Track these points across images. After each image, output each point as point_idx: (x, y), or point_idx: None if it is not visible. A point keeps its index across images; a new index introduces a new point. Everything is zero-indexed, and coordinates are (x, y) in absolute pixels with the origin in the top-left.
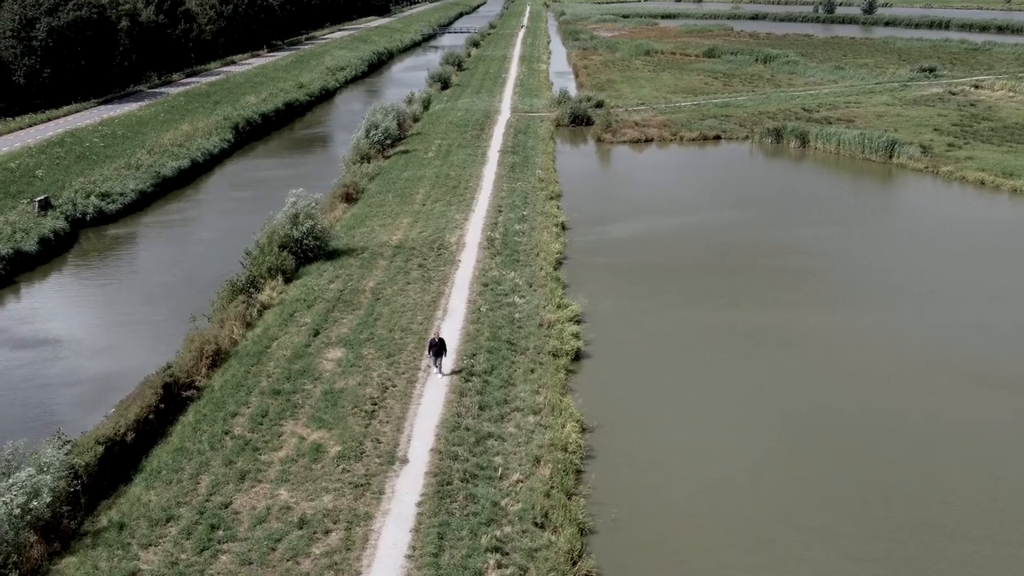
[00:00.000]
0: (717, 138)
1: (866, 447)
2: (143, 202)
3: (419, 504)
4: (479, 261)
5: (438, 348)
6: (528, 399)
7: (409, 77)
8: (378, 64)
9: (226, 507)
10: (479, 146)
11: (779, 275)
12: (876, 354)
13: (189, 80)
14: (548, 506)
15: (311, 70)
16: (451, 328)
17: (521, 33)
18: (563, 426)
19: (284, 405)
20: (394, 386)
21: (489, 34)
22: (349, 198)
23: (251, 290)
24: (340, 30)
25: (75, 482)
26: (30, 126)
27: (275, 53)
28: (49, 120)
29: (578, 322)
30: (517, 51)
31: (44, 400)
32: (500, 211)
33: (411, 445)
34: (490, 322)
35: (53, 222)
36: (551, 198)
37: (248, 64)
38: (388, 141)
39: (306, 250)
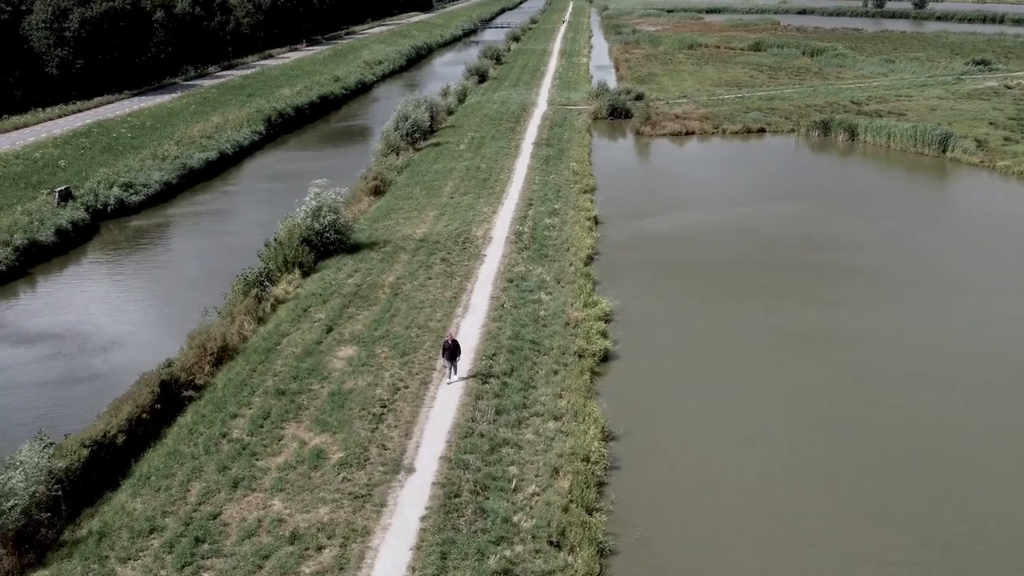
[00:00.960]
0: (761, 131)
1: (922, 460)
2: (168, 193)
3: (423, 519)
4: (505, 256)
5: (452, 350)
6: (549, 403)
7: (448, 72)
8: (417, 59)
9: (214, 518)
10: (512, 139)
11: (827, 272)
12: (931, 356)
13: (225, 73)
14: (565, 523)
15: (348, 64)
16: (471, 326)
17: (563, 28)
18: (586, 433)
19: (288, 406)
20: (406, 387)
21: (530, 29)
22: (376, 191)
23: (265, 284)
24: (380, 25)
25: (56, 487)
26: (59, 117)
27: (313, 48)
28: (80, 111)
29: (607, 321)
30: (557, 45)
31: (46, 398)
32: (531, 204)
33: (419, 452)
34: (513, 320)
35: (72, 212)
36: (585, 192)
37: (285, 58)
38: (418, 134)
39: (326, 244)
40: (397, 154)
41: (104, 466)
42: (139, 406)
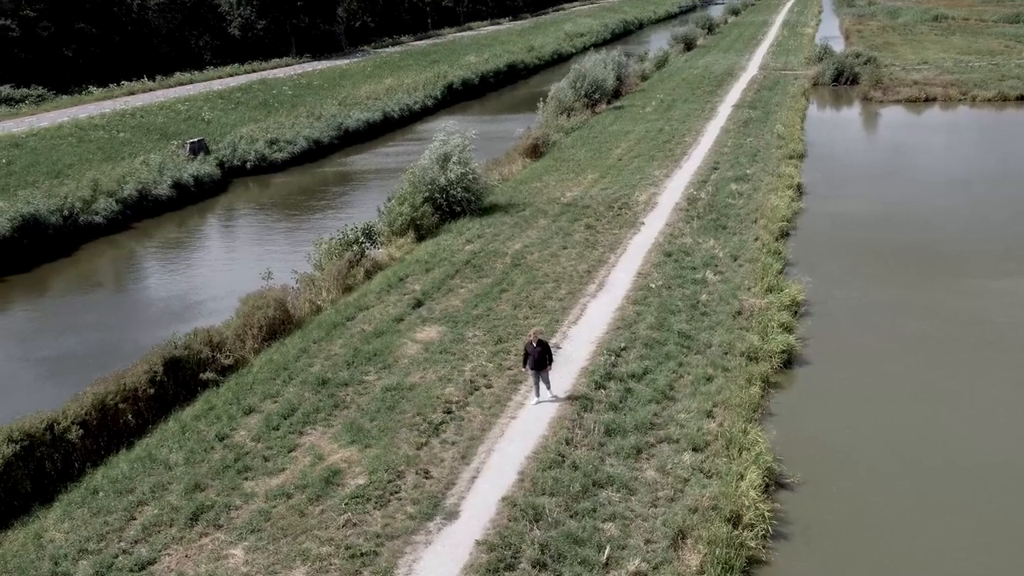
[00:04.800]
0: (1021, 99)
1: None
2: (318, 153)
3: None
4: (669, 225)
5: (539, 357)
6: (691, 424)
7: (657, 47)
8: (624, 33)
9: (140, 570)
10: (709, 101)
11: None
12: None
13: (417, 43)
14: None
15: (546, 35)
16: (601, 309)
17: (789, 2)
18: (740, 477)
19: (322, 403)
20: (487, 386)
21: (753, 4)
22: (535, 151)
23: (364, 245)
24: (591, 3)
25: None
26: (230, 76)
27: (517, 22)
28: (253, 72)
29: (795, 313)
30: (781, 17)
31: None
32: (715, 168)
33: (474, 487)
34: (660, 304)
35: (199, 166)
36: (790, 158)
37: (484, 30)
38: (599, 94)
39: (452, 203)
40: (568, 115)
41: (40, 471)
42: (118, 391)
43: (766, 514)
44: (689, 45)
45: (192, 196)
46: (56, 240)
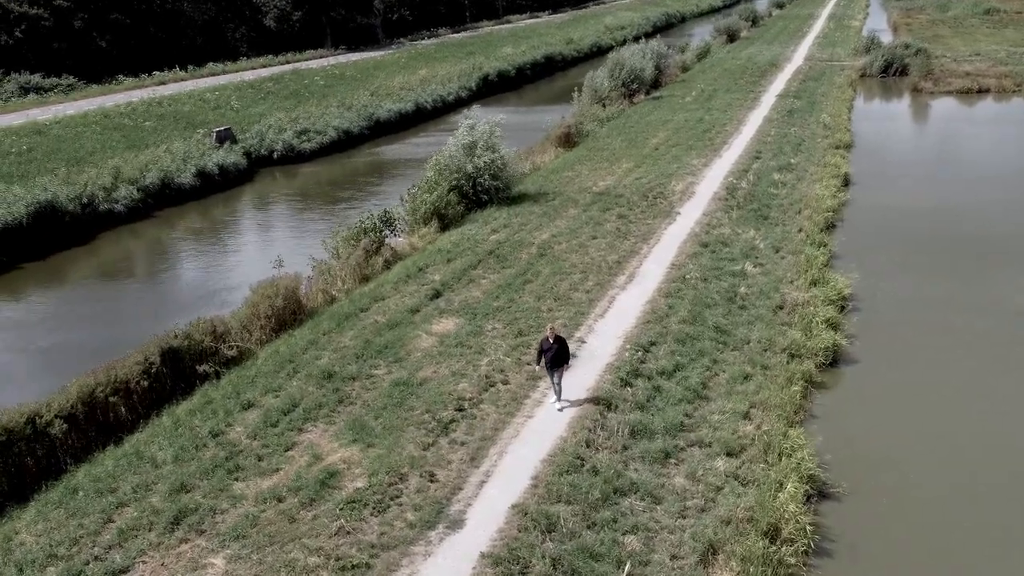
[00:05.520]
0: None
1: None
2: (347, 143)
3: None
4: (706, 215)
5: (556, 354)
6: (726, 426)
7: (699, 40)
8: (666, 27)
9: None
10: (752, 91)
11: None
12: None
13: (454, 36)
14: None
15: (586, 28)
16: (630, 302)
17: None
18: (779, 486)
19: (325, 398)
20: (504, 382)
21: None
22: (568, 141)
23: (384, 234)
24: None
25: None
26: (263, 67)
27: (556, 15)
28: (286, 64)
29: (842, 308)
30: (827, 11)
31: None
32: (757, 158)
33: (482, 492)
34: (695, 297)
35: (224, 155)
36: (836, 147)
37: (522, 23)
38: (636, 84)
39: (480, 191)
40: (604, 105)
41: (20, 469)
42: (109, 382)
43: (807, 528)
44: (732, 37)
45: (217, 185)
46: (73, 228)
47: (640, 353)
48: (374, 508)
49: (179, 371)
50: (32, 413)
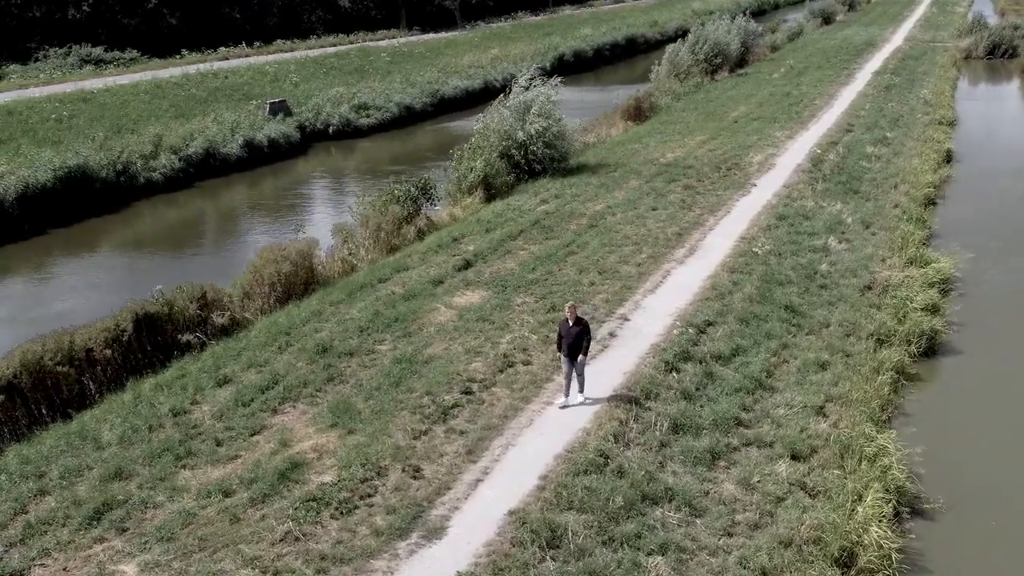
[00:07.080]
0: None
1: None
2: (409, 119)
3: None
4: (787, 187)
5: (574, 340)
6: (792, 423)
7: (791, 24)
8: (757, 12)
9: None
10: (846, 69)
11: None
12: None
13: (533, 18)
14: None
15: (671, 11)
16: (686, 277)
17: None
18: (858, 498)
19: (313, 375)
20: (525, 362)
21: None
22: (638, 114)
23: (420, 203)
24: None
25: None
26: (332, 46)
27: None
28: (352, 44)
29: (943, 291)
30: None
31: None
32: (849, 131)
33: (476, 493)
34: (765, 273)
35: (276, 127)
36: (939, 123)
37: (606, 7)
38: (720, 59)
39: (532, 160)
40: (681, 80)
41: None
42: (59, 350)
43: (893, 554)
44: (827, 20)
45: (265, 157)
46: (105, 195)
47: (692, 332)
48: (337, 509)
49: (158, 341)
50: None
